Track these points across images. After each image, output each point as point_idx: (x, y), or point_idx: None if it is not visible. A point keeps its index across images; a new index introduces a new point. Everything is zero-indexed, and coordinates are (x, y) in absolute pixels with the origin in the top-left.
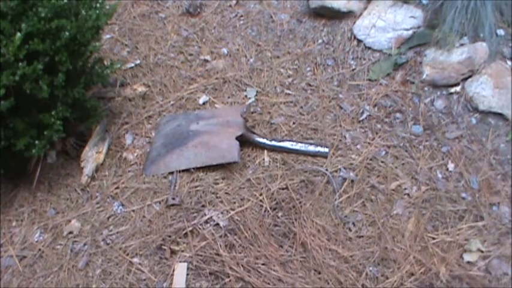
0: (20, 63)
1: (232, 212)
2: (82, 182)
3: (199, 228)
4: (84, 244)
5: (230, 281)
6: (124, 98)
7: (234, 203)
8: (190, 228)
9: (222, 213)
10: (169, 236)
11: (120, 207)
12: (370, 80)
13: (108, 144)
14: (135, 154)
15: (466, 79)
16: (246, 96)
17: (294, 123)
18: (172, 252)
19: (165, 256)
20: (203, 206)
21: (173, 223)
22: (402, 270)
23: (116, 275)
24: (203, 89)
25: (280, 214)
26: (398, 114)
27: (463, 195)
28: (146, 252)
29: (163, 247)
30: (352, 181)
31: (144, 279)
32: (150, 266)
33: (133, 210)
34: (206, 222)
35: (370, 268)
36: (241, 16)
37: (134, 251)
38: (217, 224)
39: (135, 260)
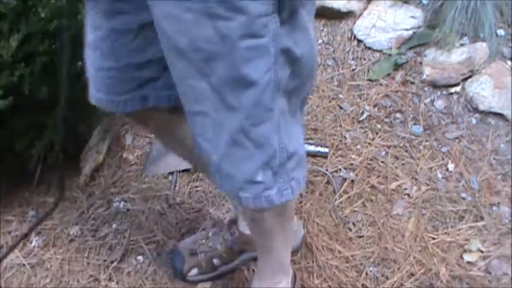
0: (19, 64)
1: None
2: (82, 182)
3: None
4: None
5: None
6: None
7: None
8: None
9: (222, 213)
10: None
11: (120, 207)
12: (370, 80)
13: (108, 144)
14: (135, 154)
15: (466, 79)
16: None
17: None
18: None
19: None
20: (204, 206)
21: (173, 223)
22: (402, 270)
23: None
24: None
25: None
26: (398, 115)
27: (463, 195)
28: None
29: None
30: (352, 181)
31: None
32: None
33: (133, 211)
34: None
35: (371, 268)
36: None
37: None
38: None
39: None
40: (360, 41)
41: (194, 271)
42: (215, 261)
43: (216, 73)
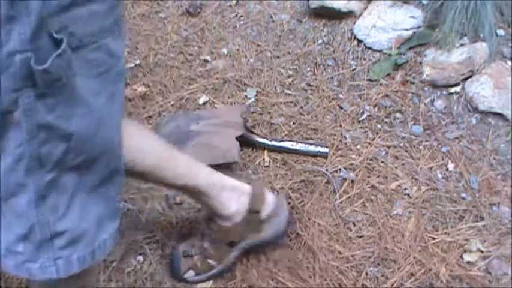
0: None
1: None
2: None
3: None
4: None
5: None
6: (124, 99)
7: None
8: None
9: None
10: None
11: (120, 207)
12: (370, 80)
13: None
14: None
15: (466, 79)
16: (246, 96)
17: (294, 123)
18: None
19: None
20: None
21: (173, 223)
22: (402, 270)
23: None
24: (203, 89)
25: None
26: (398, 114)
27: (463, 195)
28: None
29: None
30: (352, 181)
31: None
32: None
33: (133, 211)
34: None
35: (371, 268)
36: (241, 16)
37: None
38: None
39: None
40: (360, 41)
41: (190, 273)
42: (210, 261)
43: None
